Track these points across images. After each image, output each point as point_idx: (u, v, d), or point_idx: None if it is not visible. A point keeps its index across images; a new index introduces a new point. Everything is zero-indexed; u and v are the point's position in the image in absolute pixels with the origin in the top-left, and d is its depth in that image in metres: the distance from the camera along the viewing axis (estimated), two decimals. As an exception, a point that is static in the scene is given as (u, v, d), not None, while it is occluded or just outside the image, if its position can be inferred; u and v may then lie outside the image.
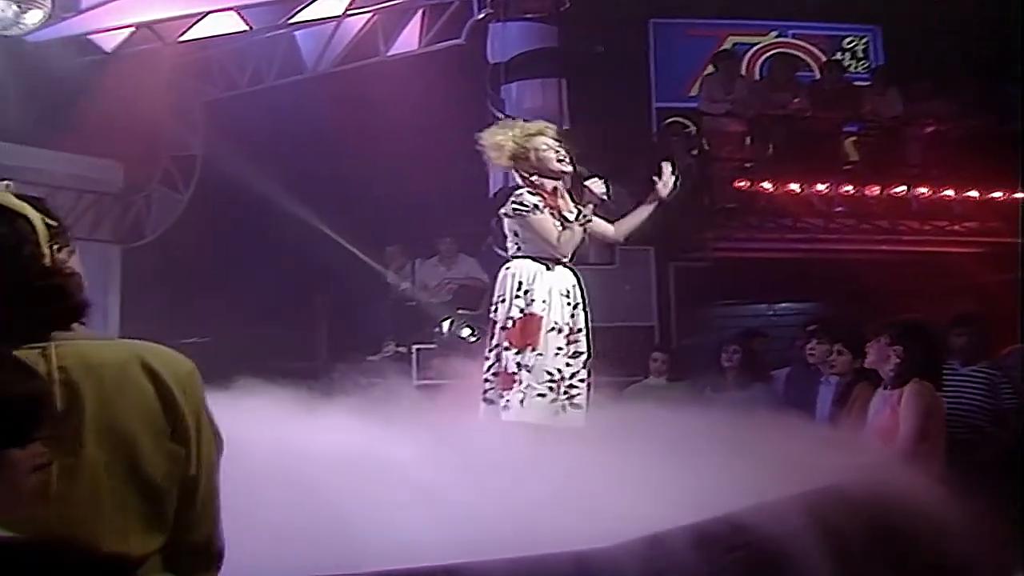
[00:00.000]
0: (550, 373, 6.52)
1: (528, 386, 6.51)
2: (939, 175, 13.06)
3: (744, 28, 15.87)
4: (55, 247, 2.35)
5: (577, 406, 6.61)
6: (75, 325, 2.31)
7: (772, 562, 4.79)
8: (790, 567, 4.75)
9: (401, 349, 12.52)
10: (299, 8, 11.34)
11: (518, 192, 6.64)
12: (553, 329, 6.58)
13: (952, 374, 8.15)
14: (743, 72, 14.67)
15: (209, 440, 2.40)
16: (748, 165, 13.10)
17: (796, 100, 13.13)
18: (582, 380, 6.64)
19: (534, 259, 6.66)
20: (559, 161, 6.64)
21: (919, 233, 13.00)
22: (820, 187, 12.93)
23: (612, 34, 14.12)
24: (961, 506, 5.62)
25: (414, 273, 13.46)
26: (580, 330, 6.72)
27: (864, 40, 15.84)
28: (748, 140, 13.28)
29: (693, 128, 14.29)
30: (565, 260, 6.73)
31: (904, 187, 12.99)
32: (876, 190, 12.95)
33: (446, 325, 11.81)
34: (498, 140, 6.70)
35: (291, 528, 4.62)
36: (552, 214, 6.60)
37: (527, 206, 6.55)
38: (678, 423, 7.18)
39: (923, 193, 13.01)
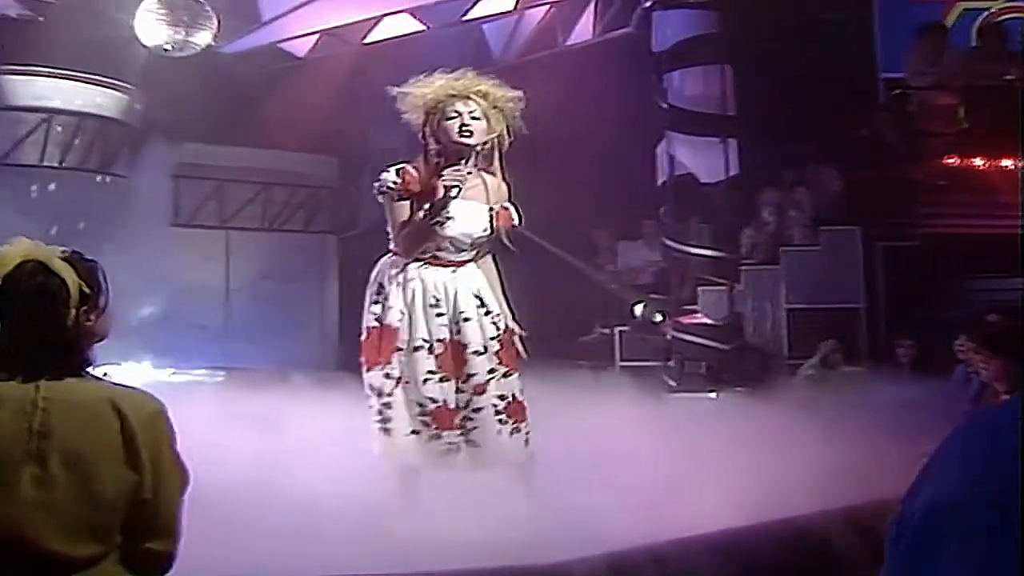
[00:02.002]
0: (421, 404, 5.43)
1: (384, 417, 5.48)
2: None
3: (973, -6, 14.97)
4: (83, 309, 2.86)
5: (473, 443, 5.48)
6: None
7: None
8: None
9: (605, 331, 12.70)
10: (471, 5, 11.59)
11: (387, 167, 5.57)
12: (420, 348, 5.46)
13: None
14: (975, 40, 13.94)
15: (170, 473, 2.84)
16: (958, 140, 12.47)
17: (1009, 70, 12.37)
18: (478, 410, 5.46)
19: (399, 254, 5.58)
20: (461, 135, 5.47)
21: None
22: (1036, 162, 12.18)
23: (838, 3, 13.71)
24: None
25: (618, 255, 13.60)
26: (468, 346, 5.50)
27: (1107, 2, 14.64)
28: (959, 113, 12.61)
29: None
30: (442, 258, 5.56)
31: None
32: (1096, 165, 12.07)
33: (639, 309, 11.88)
34: (419, 92, 5.69)
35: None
36: (414, 202, 5.45)
37: (380, 184, 5.51)
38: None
39: None
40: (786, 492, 5.53)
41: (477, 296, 5.59)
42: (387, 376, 5.45)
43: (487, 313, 5.58)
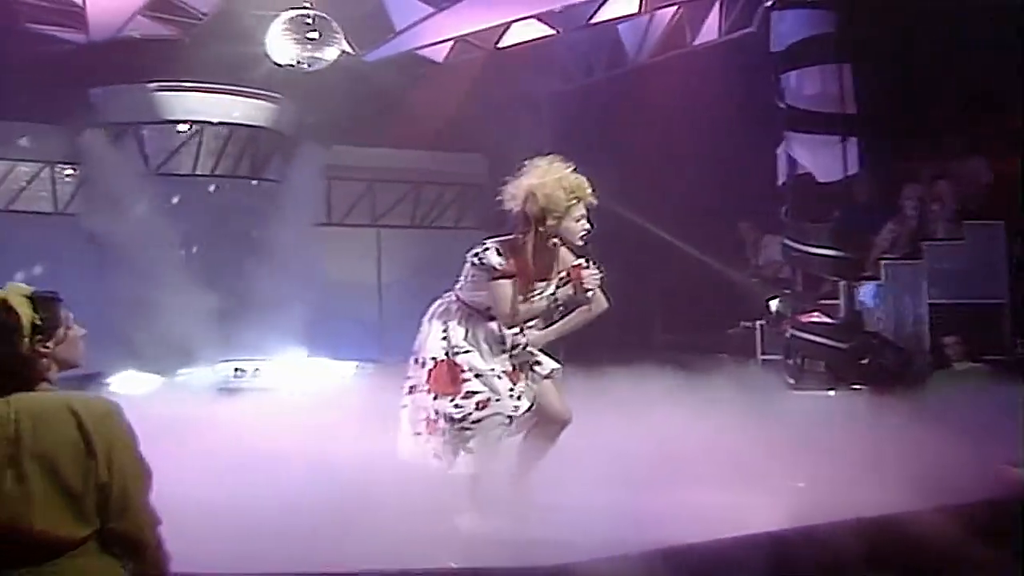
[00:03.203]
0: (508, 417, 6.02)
1: (455, 435, 5.97)
2: None
3: None
4: (37, 338, 3.44)
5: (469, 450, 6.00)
6: (43, 384, 3.46)
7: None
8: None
9: (748, 325, 12.79)
10: (597, 8, 11.83)
11: (487, 248, 6.00)
12: (482, 375, 6.01)
13: None
14: None
15: (125, 461, 3.35)
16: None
17: None
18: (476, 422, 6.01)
19: (465, 305, 6.13)
20: (582, 237, 5.97)
21: None
22: None
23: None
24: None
25: (760, 249, 13.62)
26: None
27: None
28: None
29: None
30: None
31: None
32: None
33: (774, 304, 11.95)
34: (535, 184, 5.94)
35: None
36: (516, 284, 6.00)
37: (487, 267, 5.98)
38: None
39: None
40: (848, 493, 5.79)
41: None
42: (458, 406, 5.95)
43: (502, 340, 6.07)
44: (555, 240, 5.93)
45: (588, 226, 5.96)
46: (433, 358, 6.05)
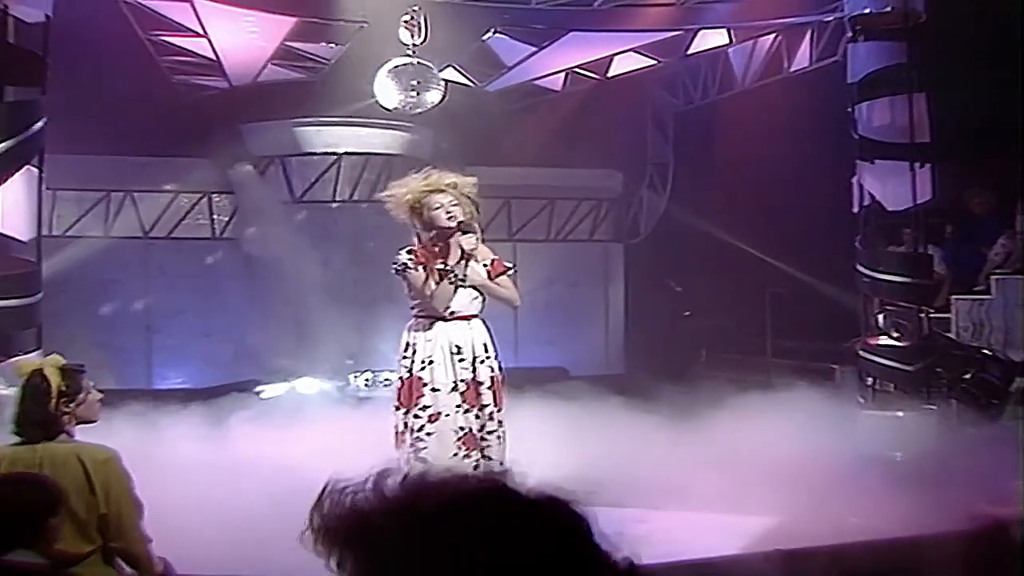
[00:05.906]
0: (455, 432, 6.71)
1: (414, 447, 6.68)
2: None
3: None
4: (63, 400, 4.66)
5: (489, 459, 6.73)
6: (62, 436, 4.64)
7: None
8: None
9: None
10: (690, 41, 12.46)
11: (399, 253, 6.88)
12: (453, 389, 6.75)
13: None
14: None
15: (121, 498, 4.54)
16: None
17: None
18: (491, 432, 6.79)
19: (422, 317, 6.90)
20: (448, 218, 6.75)
21: None
22: None
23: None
24: None
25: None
26: (483, 383, 6.83)
27: None
28: None
29: None
30: (459, 313, 6.88)
31: None
32: None
33: (880, 319, 12.28)
34: (400, 193, 6.89)
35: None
36: (428, 270, 6.79)
37: (398, 265, 6.83)
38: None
39: None
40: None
41: (484, 345, 6.98)
42: (417, 416, 6.74)
43: (488, 358, 6.94)
44: (433, 231, 6.82)
45: (451, 210, 6.77)
46: (399, 376, 6.96)
